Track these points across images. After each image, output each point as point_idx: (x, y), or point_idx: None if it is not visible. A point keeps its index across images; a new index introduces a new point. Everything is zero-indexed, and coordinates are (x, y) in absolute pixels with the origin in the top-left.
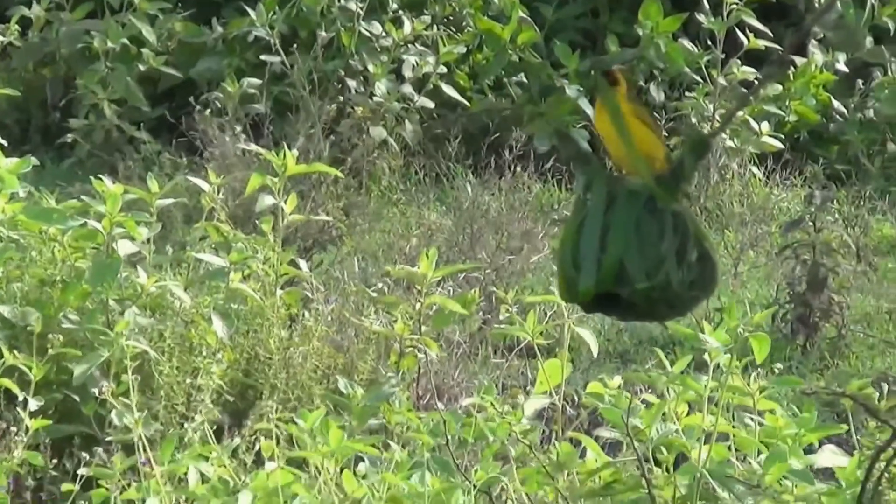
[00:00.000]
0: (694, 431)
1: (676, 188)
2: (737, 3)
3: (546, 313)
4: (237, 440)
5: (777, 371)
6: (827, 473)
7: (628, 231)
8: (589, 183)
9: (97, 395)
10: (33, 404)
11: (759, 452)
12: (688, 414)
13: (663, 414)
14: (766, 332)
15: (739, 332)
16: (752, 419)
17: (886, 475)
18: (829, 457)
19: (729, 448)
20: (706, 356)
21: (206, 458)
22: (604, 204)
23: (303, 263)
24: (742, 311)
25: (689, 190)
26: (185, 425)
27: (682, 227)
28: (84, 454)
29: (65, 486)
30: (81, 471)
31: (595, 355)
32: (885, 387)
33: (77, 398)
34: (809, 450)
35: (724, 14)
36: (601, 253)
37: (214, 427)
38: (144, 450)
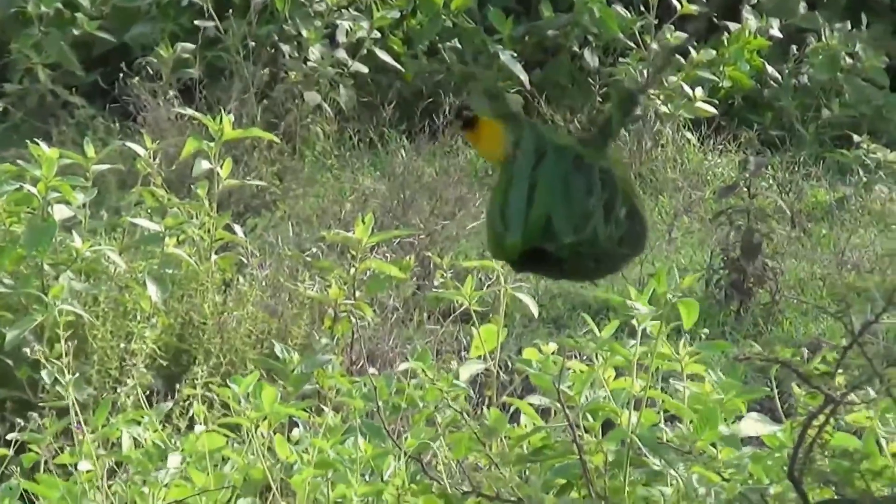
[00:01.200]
0: (622, 396)
1: (604, 145)
2: None
3: (482, 280)
4: (170, 404)
5: (704, 336)
6: (753, 440)
7: (555, 186)
8: (517, 140)
9: (29, 357)
10: None
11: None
12: (615, 379)
13: (592, 380)
14: (700, 298)
15: (669, 298)
16: (679, 385)
17: (818, 441)
18: (755, 424)
19: (658, 413)
20: (635, 322)
21: (139, 423)
22: (532, 160)
23: (238, 229)
24: (673, 276)
25: (619, 144)
26: (119, 390)
27: (610, 183)
28: (17, 419)
29: None
30: (12, 435)
31: (535, 317)
32: (808, 353)
33: (10, 362)
34: (738, 417)
35: None
36: (528, 208)
37: (148, 392)
38: (77, 414)
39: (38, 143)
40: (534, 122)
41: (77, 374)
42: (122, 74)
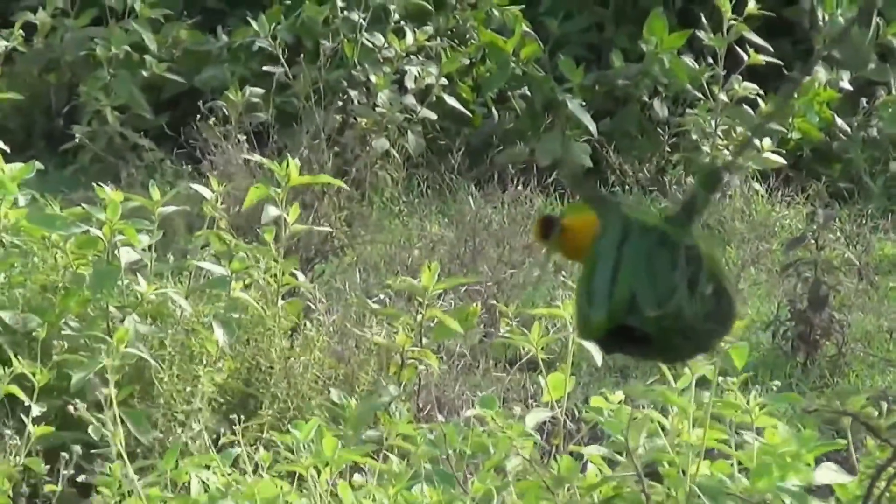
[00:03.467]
0: (689, 447)
1: (689, 222)
2: (736, 19)
3: (548, 328)
4: (238, 450)
5: (775, 388)
6: (824, 493)
7: (639, 263)
8: (604, 222)
9: (73, 410)
10: (36, 410)
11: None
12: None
13: (663, 429)
14: (767, 350)
15: (722, 346)
16: (750, 436)
17: (887, 494)
18: (828, 473)
19: (731, 465)
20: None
21: (208, 467)
22: (617, 240)
23: (303, 275)
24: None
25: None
26: (184, 433)
27: (695, 260)
28: (82, 461)
29: (48, 487)
30: (80, 478)
31: (599, 364)
32: (885, 405)
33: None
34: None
35: (725, 30)
36: (613, 286)
37: (214, 436)
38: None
39: (103, 186)
40: (619, 202)
41: (122, 423)
42: (191, 118)
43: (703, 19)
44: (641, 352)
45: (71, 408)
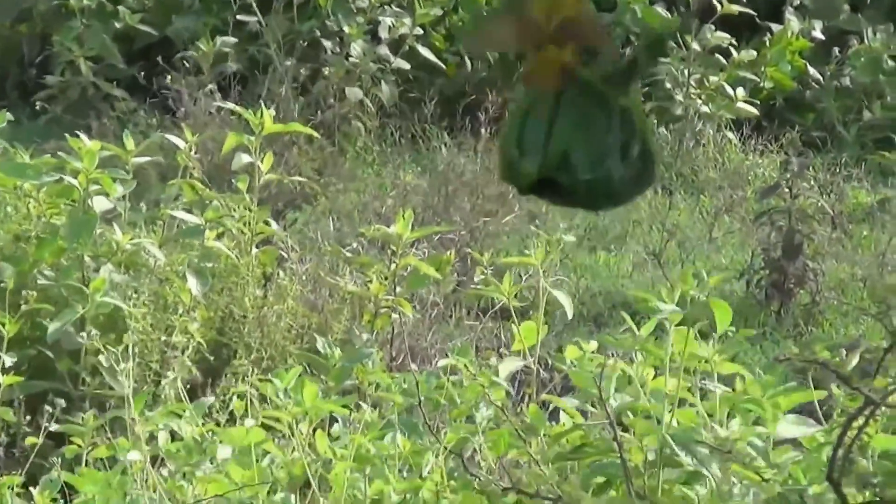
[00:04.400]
0: (658, 396)
1: (628, 83)
2: None
3: (521, 276)
4: (212, 399)
5: (735, 334)
6: (789, 441)
7: (576, 121)
8: None
9: (83, 343)
10: (7, 360)
11: (730, 417)
12: (654, 378)
13: (629, 378)
14: (740, 298)
15: (696, 297)
16: (713, 385)
17: (857, 443)
18: (793, 426)
19: (696, 413)
20: (665, 322)
21: (180, 416)
22: (553, 91)
23: (277, 223)
24: (711, 277)
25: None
26: (160, 383)
27: (629, 123)
28: (54, 409)
29: (29, 440)
30: (52, 427)
31: (570, 316)
32: (856, 355)
33: (51, 354)
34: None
35: None
36: (547, 138)
37: (188, 385)
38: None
39: (78, 136)
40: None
41: (128, 363)
42: (164, 67)
43: None
44: (561, 201)
45: (84, 335)
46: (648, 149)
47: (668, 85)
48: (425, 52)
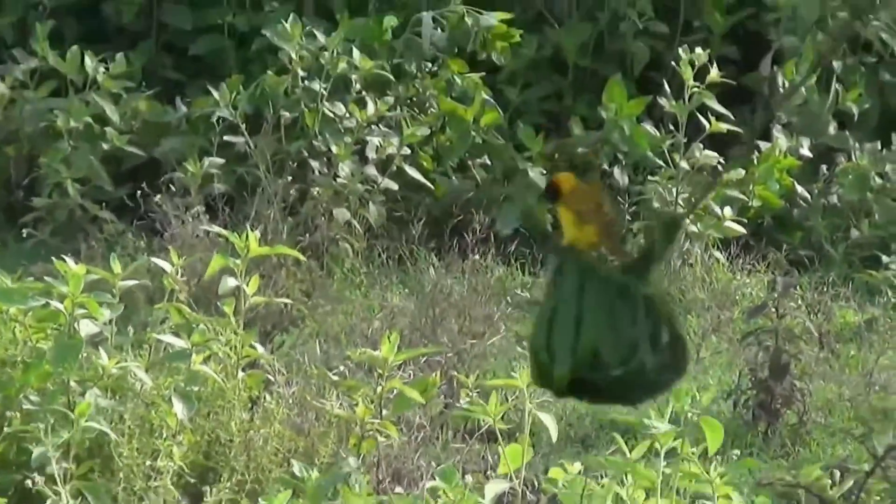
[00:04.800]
0: None
1: (647, 272)
2: (698, 87)
3: (507, 398)
4: None
5: (735, 457)
6: None
7: (601, 317)
8: (560, 268)
9: (31, 484)
10: None
11: None
12: (645, 500)
13: (620, 501)
14: (728, 419)
15: (689, 416)
16: None
17: None
18: None
19: None
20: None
21: None
22: (576, 289)
23: (263, 347)
24: (702, 396)
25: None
26: None
27: (653, 311)
28: None
29: None
30: None
31: (554, 440)
32: (837, 475)
33: (37, 479)
34: None
35: (686, 98)
36: (575, 339)
37: None
38: None
39: (64, 260)
40: (575, 250)
41: (82, 497)
42: (152, 189)
43: (666, 86)
44: (596, 399)
45: (29, 482)
46: (677, 334)
47: (656, 203)
48: (413, 172)
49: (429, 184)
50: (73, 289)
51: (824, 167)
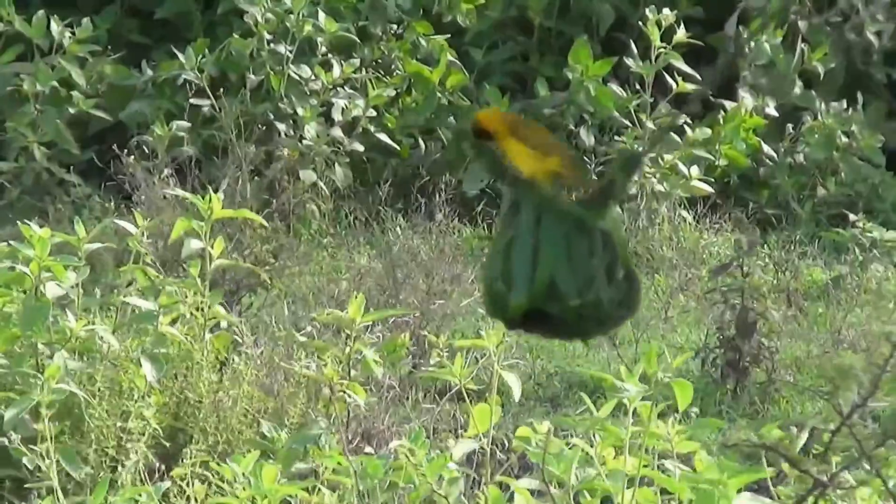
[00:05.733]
0: (618, 475)
1: (606, 206)
2: (665, 47)
3: (477, 358)
4: (168, 483)
5: (696, 415)
6: None
7: (559, 249)
8: (517, 199)
9: (7, 442)
10: None
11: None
12: (614, 458)
13: (589, 459)
14: (696, 377)
15: (660, 378)
16: (672, 464)
17: None
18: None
19: (655, 493)
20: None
21: (137, 502)
22: (534, 221)
23: (230, 308)
24: (664, 356)
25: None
26: (116, 468)
27: (610, 245)
28: (14, 499)
29: None
30: None
31: (517, 399)
32: (805, 434)
33: (7, 441)
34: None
35: (653, 58)
36: (532, 270)
37: (145, 470)
38: (65, 494)
39: (29, 224)
40: (533, 182)
41: (58, 458)
42: (118, 152)
43: (633, 46)
44: (550, 332)
45: (5, 440)
46: (631, 271)
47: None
48: (379, 134)
49: (395, 145)
50: (39, 252)
51: (790, 126)
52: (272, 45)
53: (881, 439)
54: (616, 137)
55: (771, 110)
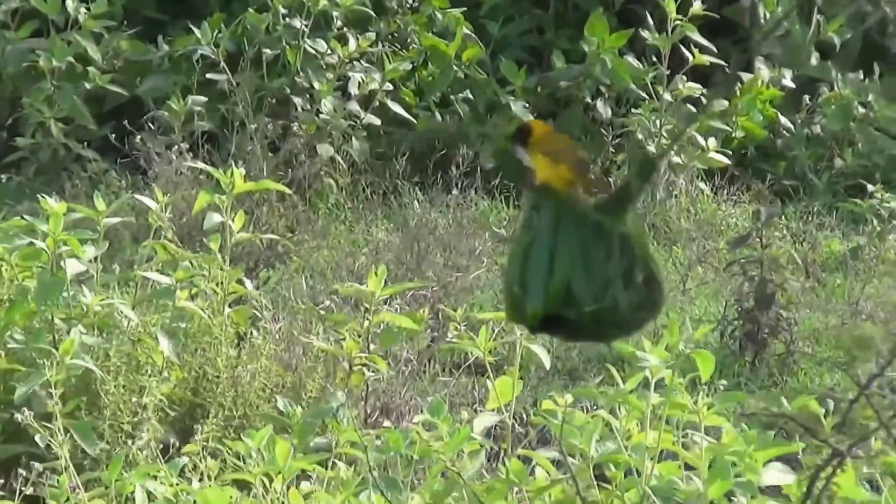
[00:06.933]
0: (640, 449)
1: (623, 210)
2: (681, 20)
3: (494, 330)
4: (185, 459)
5: (722, 388)
6: (776, 492)
7: (575, 254)
8: (537, 204)
9: (19, 420)
10: None
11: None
12: (640, 432)
13: (612, 431)
14: (715, 349)
15: (682, 349)
16: (699, 436)
17: (827, 493)
18: (775, 474)
19: (679, 467)
20: (648, 374)
21: (155, 477)
22: (552, 226)
23: (248, 283)
24: (686, 328)
25: (637, 209)
26: (132, 444)
27: (628, 249)
28: (28, 473)
29: (3, 503)
30: (28, 490)
31: (547, 368)
32: (831, 404)
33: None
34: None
35: (669, 30)
36: (549, 275)
37: (161, 446)
38: (74, 474)
39: (46, 198)
40: (551, 187)
41: (69, 434)
42: (135, 128)
43: (649, 18)
44: (570, 336)
45: (18, 416)
46: (652, 273)
47: (640, 136)
48: (395, 108)
49: (412, 119)
50: (54, 227)
51: (807, 97)
52: (287, 19)
53: None
54: (633, 110)
55: (787, 82)
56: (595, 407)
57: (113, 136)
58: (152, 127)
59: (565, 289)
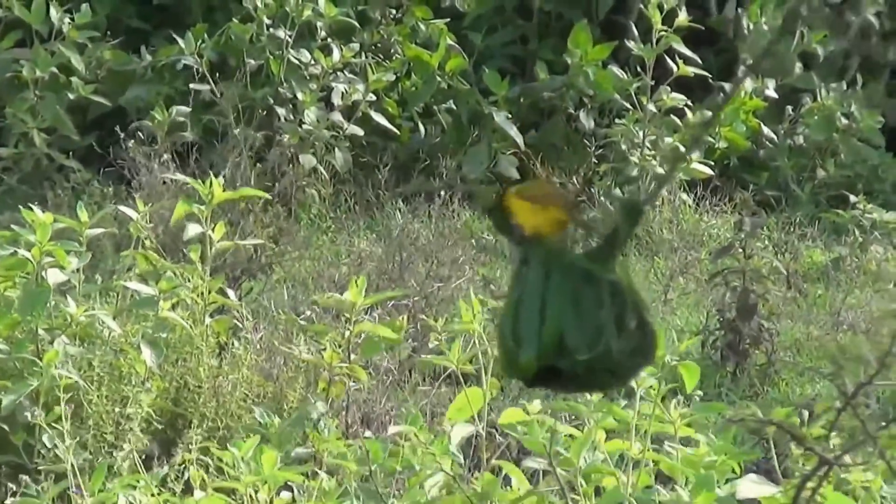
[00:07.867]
0: (616, 459)
1: (612, 256)
2: (665, 30)
3: (476, 342)
4: (166, 469)
5: (699, 398)
6: (750, 502)
7: (566, 303)
8: (525, 256)
9: (30, 420)
10: None
11: (687, 480)
12: (606, 441)
13: (589, 442)
14: (696, 359)
15: (667, 360)
16: (671, 447)
17: (813, 503)
18: (752, 486)
19: (652, 476)
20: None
21: (135, 487)
22: (542, 277)
23: (230, 292)
24: (671, 338)
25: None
26: (114, 454)
27: (619, 295)
28: (12, 484)
29: None
30: (9, 501)
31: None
32: (807, 414)
33: (6, 427)
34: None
35: (654, 41)
36: (541, 326)
37: (143, 456)
38: (76, 476)
39: (32, 208)
40: (539, 238)
41: (76, 438)
42: (118, 138)
43: (634, 29)
44: (567, 387)
45: (28, 415)
46: (644, 319)
47: (623, 146)
48: (378, 118)
49: (395, 129)
50: (41, 237)
51: (790, 108)
52: (271, 29)
53: (885, 419)
54: (616, 120)
55: (770, 92)
56: (574, 418)
57: (96, 146)
58: (136, 137)
59: (558, 338)
